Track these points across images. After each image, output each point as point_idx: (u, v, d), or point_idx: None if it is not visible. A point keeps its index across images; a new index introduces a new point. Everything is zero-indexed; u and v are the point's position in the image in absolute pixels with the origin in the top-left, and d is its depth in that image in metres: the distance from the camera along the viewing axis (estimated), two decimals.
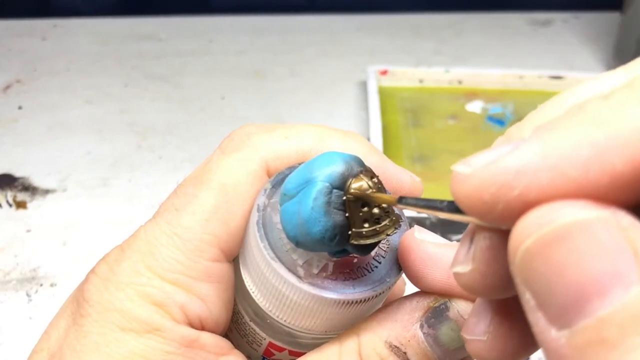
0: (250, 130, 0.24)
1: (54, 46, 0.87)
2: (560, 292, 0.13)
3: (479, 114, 0.74)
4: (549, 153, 0.13)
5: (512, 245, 0.14)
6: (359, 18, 0.97)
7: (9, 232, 0.56)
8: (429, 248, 0.22)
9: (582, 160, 0.13)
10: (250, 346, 0.25)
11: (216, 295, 0.22)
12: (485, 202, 0.14)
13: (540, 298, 0.13)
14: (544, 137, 0.14)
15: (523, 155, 0.14)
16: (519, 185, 0.13)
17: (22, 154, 0.66)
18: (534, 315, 0.13)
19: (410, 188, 0.24)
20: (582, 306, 0.12)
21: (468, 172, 0.14)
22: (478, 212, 0.14)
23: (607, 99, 0.14)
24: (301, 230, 0.20)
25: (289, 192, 0.21)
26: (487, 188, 0.14)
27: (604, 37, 0.93)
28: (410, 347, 0.21)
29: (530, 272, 0.13)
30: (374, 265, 0.22)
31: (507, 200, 0.14)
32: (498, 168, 0.14)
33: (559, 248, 0.13)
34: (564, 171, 0.13)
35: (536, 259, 0.13)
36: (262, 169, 0.23)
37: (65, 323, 0.22)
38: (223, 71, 0.83)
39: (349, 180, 0.20)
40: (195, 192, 0.22)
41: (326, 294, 0.21)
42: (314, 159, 0.21)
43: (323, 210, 0.20)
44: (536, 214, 0.13)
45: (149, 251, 0.22)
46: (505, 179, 0.14)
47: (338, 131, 0.24)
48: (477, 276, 0.16)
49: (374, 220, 0.20)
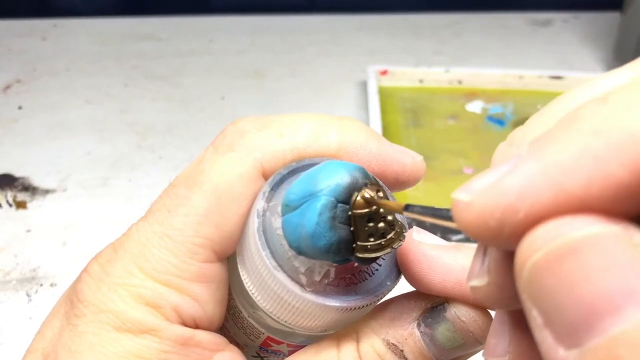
0: (244, 127, 0.23)
1: (54, 46, 0.87)
2: (570, 309, 0.12)
3: (479, 114, 0.74)
4: (548, 171, 0.13)
5: (519, 260, 0.13)
6: (359, 18, 0.97)
7: (9, 232, 0.56)
8: (426, 250, 0.22)
9: (584, 175, 0.12)
10: (247, 337, 0.25)
11: (209, 295, 0.22)
12: (490, 228, 0.14)
13: (548, 315, 0.12)
14: (542, 152, 0.13)
15: (523, 175, 0.13)
16: (523, 208, 0.13)
17: (22, 154, 0.66)
18: (540, 333, 0.13)
19: (412, 169, 0.23)
20: (593, 324, 0.12)
21: (469, 200, 0.14)
22: (485, 238, 0.14)
23: (605, 102, 0.13)
24: (305, 243, 0.20)
25: (291, 204, 0.20)
26: (491, 214, 0.13)
27: (604, 37, 0.93)
28: (407, 345, 0.21)
29: (537, 287, 0.13)
30: (374, 268, 0.22)
31: (513, 223, 0.13)
32: (499, 192, 0.13)
33: (568, 263, 0.12)
34: (566, 188, 0.13)
35: (544, 274, 0.12)
36: (257, 170, 0.22)
37: (59, 323, 0.22)
38: (223, 71, 0.83)
39: (354, 193, 0.20)
40: (188, 193, 0.22)
41: (329, 302, 0.21)
42: (318, 169, 0.21)
43: (328, 225, 0.20)
44: (544, 229, 0.13)
45: (141, 252, 0.21)
46: (507, 202, 0.13)
47: (334, 120, 0.24)
48: (494, 289, 0.15)
49: (380, 235, 0.20)
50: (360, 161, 0.23)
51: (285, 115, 0.24)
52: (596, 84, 0.15)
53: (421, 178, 0.24)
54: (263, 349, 0.26)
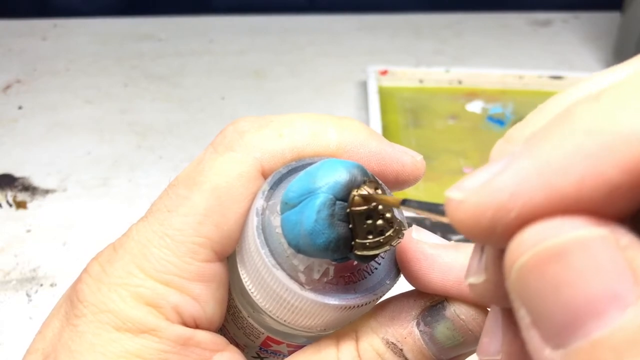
0: (244, 127, 0.23)
1: (54, 46, 0.87)
2: (555, 311, 0.12)
3: (479, 114, 0.74)
4: (541, 170, 0.13)
5: (508, 261, 0.13)
6: (359, 18, 0.97)
7: (9, 232, 0.56)
8: (425, 249, 0.22)
9: (576, 175, 0.12)
10: (247, 338, 0.25)
11: (209, 294, 0.22)
12: (482, 227, 0.14)
13: (535, 316, 0.13)
14: (535, 151, 0.13)
15: (515, 174, 0.13)
16: (515, 207, 0.13)
17: (22, 154, 0.66)
18: (528, 332, 0.13)
19: (412, 169, 0.23)
20: (577, 327, 0.12)
21: (461, 198, 0.14)
22: (477, 236, 0.14)
23: (597, 101, 0.13)
24: (304, 240, 0.20)
25: (290, 201, 0.20)
26: (483, 213, 0.13)
27: (604, 37, 0.93)
28: (406, 344, 0.21)
29: (525, 288, 0.13)
30: (373, 267, 0.22)
31: (505, 223, 0.13)
32: (491, 191, 0.13)
33: (555, 266, 0.12)
34: (558, 188, 0.13)
35: (531, 276, 0.13)
36: (256, 169, 0.22)
37: (59, 323, 0.22)
38: (223, 71, 0.83)
39: (352, 191, 0.20)
40: (188, 193, 0.22)
41: (328, 301, 0.21)
42: (317, 167, 0.21)
43: (327, 223, 0.20)
44: (533, 231, 0.13)
45: (141, 252, 0.21)
46: (500, 201, 0.13)
47: (333, 120, 0.24)
48: (491, 286, 0.16)
49: (378, 232, 0.20)
50: (360, 160, 0.23)
51: (284, 115, 0.24)
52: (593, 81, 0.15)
53: (421, 177, 0.24)
54: (263, 349, 0.26)
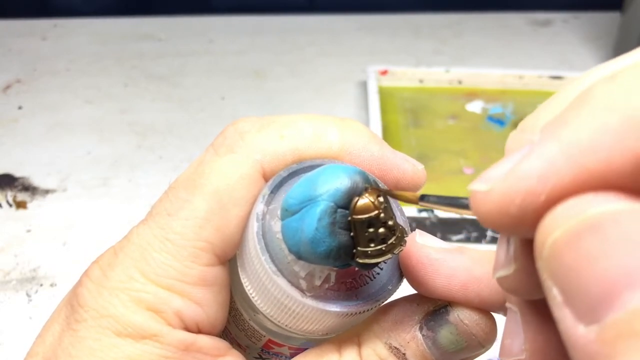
0: (244, 128, 0.23)
1: (54, 46, 0.87)
2: (589, 285, 0.12)
3: (479, 114, 0.74)
4: (567, 150, 0.13)
5: (539, 239, 0.13)
6: (359, 18, 0.97)
7: (9, 232, 0.56)
8: (431, 253, 0.21)
9: (604, 152, 0.12)
10: (249, 339, 0.25)
11: (212, 298, 0.22)
12: (512, 215, 0.13)
13: (568, 293, 0.12)
14: (558, 133, 0.13)
15: (542, 158, 0.13)
16: (545, 190, 0.13)
17: (22, 154, 0.66)
18: (560, 312, 0.13)
19: (413, 177, 0.23)
20: (613, 299, 0.12)
21: (487, 189, 0.14)
22: (505, 227, 0.14)
23: (613, 80, 0.13)
24: (305, 248, 0.20)
25: (290, 208, 0.20)
26: (512, 200, 0.13)
27: (604, 37, 0.93)
28: (409, 348, 0.21)
29: (557, 265, 0.13)
30: (376, 272, 0.22)
31: (535, 208, 0.13)
32: (518, 177, 0.13)
33: (588, 239, 0.12)
34: (587, 166, 0.13)
35: (564, 251, 0.12)
36: (257, 171, 0.22)
37: (59, 327, 0.22)
38: (223, 71, 0.83)
39: (354, 198, 0.19)
40: (188, 196, 0.21)
41: (329, 307, 0.21)
42: (317, 173, 0.20)
43: (328, 231, 0.19)
44: (565, 206, 0.13)
45: (142, 256, 0.21)
46: (528, 186, 0.13)
47: (335, 121, 0.23)
48: (522, 276, 0.15)
49: (380, 240, 0.20)
50: (362, 163, 0.22)
51: (285, 116, 0.24)
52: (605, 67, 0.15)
53: (421, 186, 0.23)
54: (264, 351, 0.26)
